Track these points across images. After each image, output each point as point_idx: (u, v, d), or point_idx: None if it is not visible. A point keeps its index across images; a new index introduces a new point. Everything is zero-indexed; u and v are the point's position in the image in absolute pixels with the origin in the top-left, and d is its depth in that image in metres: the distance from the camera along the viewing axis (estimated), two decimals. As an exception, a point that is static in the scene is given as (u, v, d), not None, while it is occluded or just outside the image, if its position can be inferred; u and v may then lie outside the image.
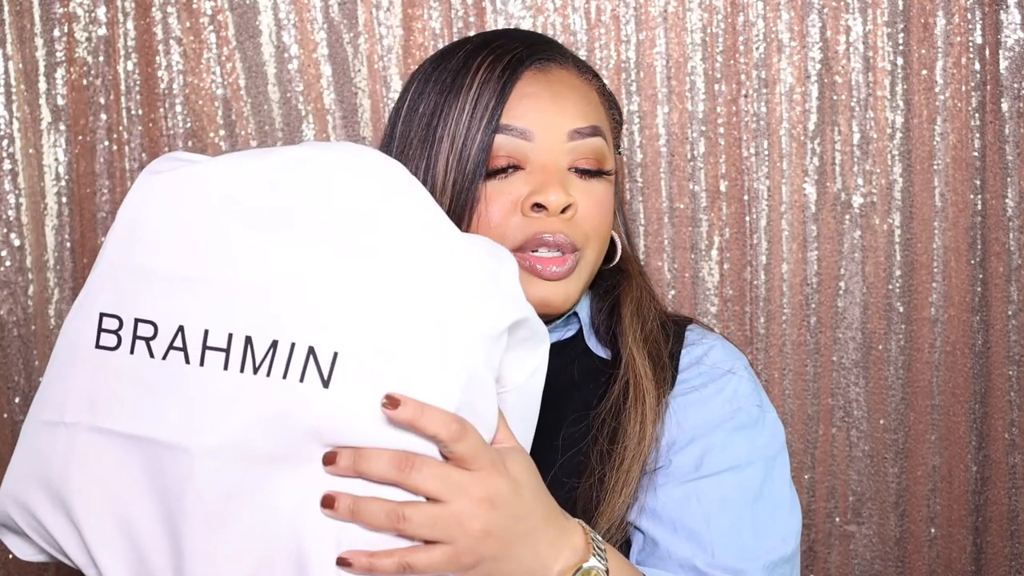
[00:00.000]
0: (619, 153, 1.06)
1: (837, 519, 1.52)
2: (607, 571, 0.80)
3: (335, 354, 0.72)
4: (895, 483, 1.52)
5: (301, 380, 0.71)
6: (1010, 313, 1.49)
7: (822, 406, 1.51)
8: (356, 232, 0.75)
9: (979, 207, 1.48)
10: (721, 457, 0.95)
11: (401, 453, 0.72)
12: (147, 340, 0.76)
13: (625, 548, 0.96)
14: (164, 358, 0.75)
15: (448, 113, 0.96)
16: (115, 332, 0.77)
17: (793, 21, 1.47)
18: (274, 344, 0.72)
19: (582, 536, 0.81)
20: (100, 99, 1.51)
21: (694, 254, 1.50)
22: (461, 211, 0.95)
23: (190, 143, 1.51)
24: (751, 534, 0.93)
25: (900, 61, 1.47)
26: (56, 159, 1.51)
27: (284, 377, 0.72)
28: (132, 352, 0.76)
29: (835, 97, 1.48)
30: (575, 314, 1.06)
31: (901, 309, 1.50)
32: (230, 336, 0.73)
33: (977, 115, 1.47)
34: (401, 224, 0.76)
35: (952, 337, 1.50)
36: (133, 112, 1.51)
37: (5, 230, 1.51)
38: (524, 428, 0.81)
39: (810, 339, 1.50)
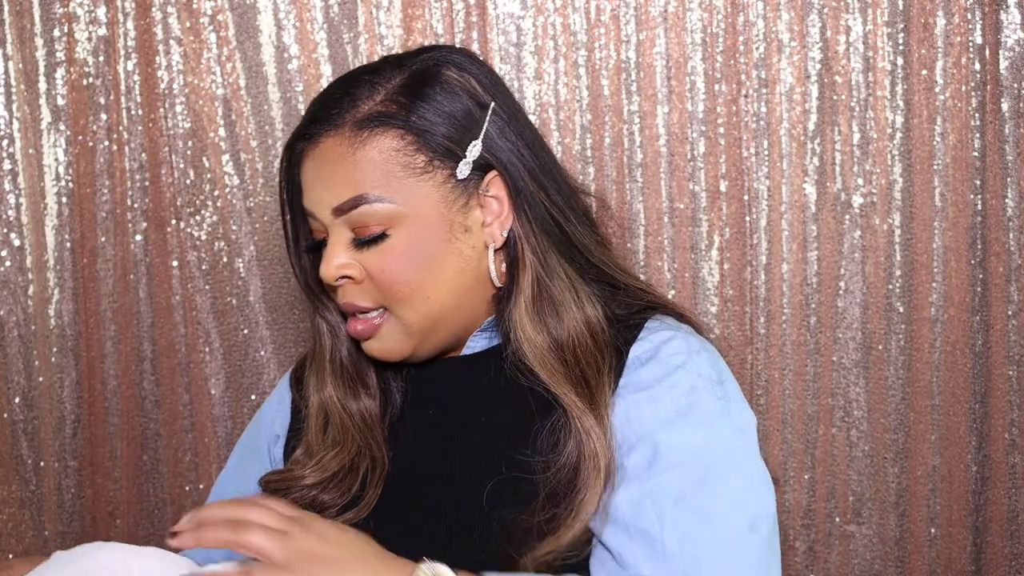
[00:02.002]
0: (456, 178, 1.02)
1: (837, 519, 1.52)
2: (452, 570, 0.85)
3: None
4: (895, 483, 1.52)
5: None
6: (1010, 313, 1.49)
7: (822, 406, 1.51)
8: None
9: (979, 207, 1.48)
10: (675, 452, 0.93)
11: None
12: None
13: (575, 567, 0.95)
14: None
15: (282, 194, 1.09)
16: None
17: (793, 21, 1.47)
18: None
19: (412, 564, 0.86)
20: (100, 99, 1.51)
21: (694, 254, 1.50)
22: (303, 284, 1.09)
23: (190, 143, 1.51)
24: (707, 527, 0.90)
25: (900, 61, 1.47)
26: (56, 159, 1.51)
27: None
28: None
29: (835, 97, 1.48)
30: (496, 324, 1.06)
31: (901, 309, 1.50)
32: None
33: (977, 115, 1.47)
34: None
35: (952, 337, 1.50)
36: (133, 112, 1.51)
37: (5, 230, 1.51)
38: None
39: (810, 339, 1.50)
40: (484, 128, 1.02)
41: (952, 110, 1.47)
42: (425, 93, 1.01)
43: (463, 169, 1.01)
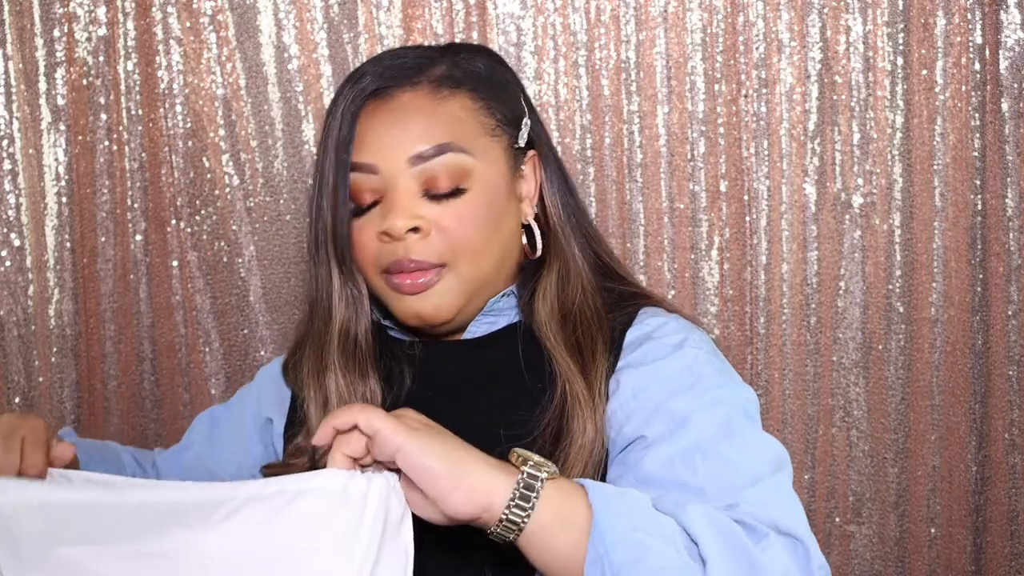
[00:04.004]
0: (518, 147, 1.08)
1: (837, 519, 1.52)
2: (553, 471, 0.84)
3: None
4: (895, 483, 1.52)
5: None
6: (1010, 313, 1.49)
7: (822, 406, 1.51)
8: None
9: (979, 207, 1.48)
10: (692, 414, 0.95)
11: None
12: None
13: None
14: None
15: (322, 158, 1.04)
16: None
17: (793, 21, 1.47)
18: None
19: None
20: (100, 99, 1.51)
21: (694, 254, 1.50)
22: (343, 247, 1.04)
23: (190, 143, 1.51)
24: (736, 472, 0.92)
25: (900, 61, 1.47)
26: (56, 159, 1.51)
27: None
28: None
29: (835, 97, 1.48)
30: (517, 301, 1.09)
31: (901, 309, 1.50)
32: None
33: (977, 115, 1.47)
34: None
35: (952, 337, 1.50)
36: (133, 112, 1.51)
37: (5, 230, 1.51)
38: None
39: (810, 339, 1.50)
40: (527, 109, 1.10)
41: (952, 110, 1.47)
42: (486, 65, 1.08)
43: (523, 135, 1.07)
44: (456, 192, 1.02)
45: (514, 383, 1.04)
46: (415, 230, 1.01)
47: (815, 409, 1.51)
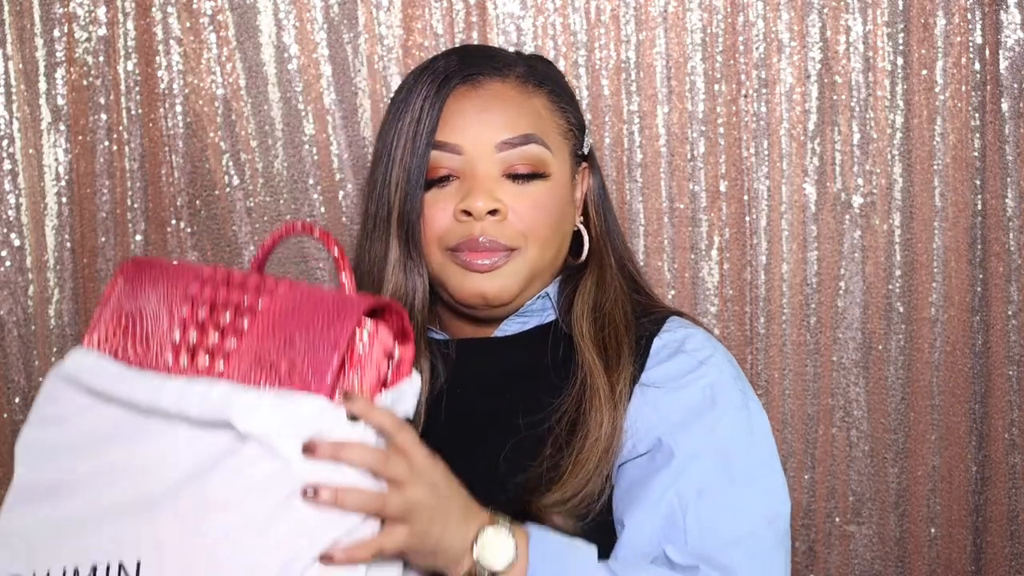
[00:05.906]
0: (581, 153, 1.14)
1: (837, 519, 1.52)
2: (510, 530, 0.90)
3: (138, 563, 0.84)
4: (895, 483, 1.52)
5: None
6: (1010, 313, 1.49)
7: (822, 406, 1.51)
8: None
9: (979, 207, 1.48)
10: (702, 443, 0.99)
11: (375, 448, 0.83)
12: None
13: (589, 529, 1.00)
14: None
15: (397, 134, 1.08)
16: None
17: (793, 21, 1.47)
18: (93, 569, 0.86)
19: (486, 514, 0.91)
20: (100, 99, 1.51)
21: (694, 254, 1.50)
22: (410, 218, 1.07)
23: (190, 143, 1.51)
24: (728, 518, 0.96)
25: (900, 61, 1.47)
26: (56, 159, 1.51)
27: None
28: None
29: (835, 97, 1.48)
30: (554, 301, 1.12)
31: (901, 309, 1.50)
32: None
33: (977, 115, 1.47)
34: None
35: (952, 337, 1.50)
36: (133, 112, 1.51)
37: (5, 230, 1.51)
38: None
39: (810, 339, 1.50)
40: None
41: (952, 110, 1.47)
42: (557, 74, 1.16)
43: (587, 143, 1.14)
44: (536, 176, 1.07)
45: (541, 380, 1.07)
46: (494, 212, 1.05)
47: (815, 409, 1.51)
